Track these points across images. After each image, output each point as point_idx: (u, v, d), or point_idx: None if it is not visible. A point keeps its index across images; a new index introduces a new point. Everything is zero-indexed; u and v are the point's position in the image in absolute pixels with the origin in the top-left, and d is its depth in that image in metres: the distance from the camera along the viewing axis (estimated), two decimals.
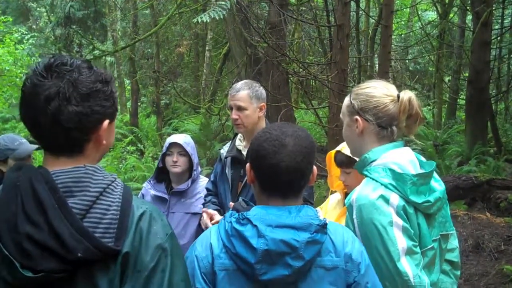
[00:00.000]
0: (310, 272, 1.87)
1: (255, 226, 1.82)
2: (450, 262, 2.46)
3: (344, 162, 3.00)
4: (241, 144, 3.66)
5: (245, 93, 3.49)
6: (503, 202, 8.36)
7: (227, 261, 1.87)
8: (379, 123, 2.23)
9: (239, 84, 3.57)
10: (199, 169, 4.19)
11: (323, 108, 13.93)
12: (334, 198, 3.37)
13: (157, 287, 1.53)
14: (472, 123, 12.27)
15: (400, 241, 2.04)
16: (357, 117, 2.27)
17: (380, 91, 2.26)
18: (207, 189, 3.87)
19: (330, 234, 1.92)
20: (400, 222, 2.06)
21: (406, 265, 2.03)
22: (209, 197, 3.78)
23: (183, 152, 3.97)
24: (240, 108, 3.49)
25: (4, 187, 1.52)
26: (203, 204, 3.79)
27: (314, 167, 2.02)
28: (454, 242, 2.48)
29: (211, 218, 3.33)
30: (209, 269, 1.88)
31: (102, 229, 1.49)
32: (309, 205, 3.28)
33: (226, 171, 3.67)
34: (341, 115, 2.42)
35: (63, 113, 1.50)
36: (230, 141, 3.81)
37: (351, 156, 2.69)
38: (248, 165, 2.01)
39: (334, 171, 3.34)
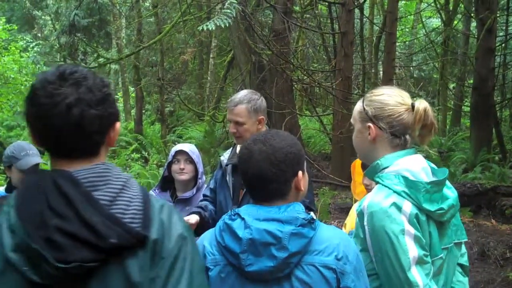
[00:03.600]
0: (299, 269, 1.90)
1: (243, 219, 1.92)
2: (460, 266, 2.44)
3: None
4: None
5: (243, 107, 3.45)
6: (509, 209, 8.33)
7: (218, 256, 1.96)
8: (392, 131, 2.21)
9: (237, 97, 3.51)
10: (204, 177, 4.19)
11: (327, 115, 13.98)
12: None
13: (179, 273, 1.59)
14: (477, 130, 12.23)
15: (411, 250, 2.02)
16: (370, 124, 2.24)
17: (394, 99, 2.24)
18: (204, 195, 3.85)
19: (321, 233, 1.96)
20: (412, 230, 2.04)
21: (417, 275, 2.01)
22: (204, 202, 3.76)
23: (190, 160, 3.98)
24: (238, 123, 3.47)
25: (25, 189, 1.55)
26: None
27: (300, 173, 2.06)
28: (463, 248, 2.46)
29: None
30: None
31: (128, 219, 1.54)
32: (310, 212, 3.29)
33: (227, 178, 3.65)
34: (352, 120, 2.38)
35: (85, 118, 1.55)
36: (231, 148, 3.79)
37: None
38: None
39: (357, 177, 3.35)
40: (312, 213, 2.09)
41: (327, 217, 8.42)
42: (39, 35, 20.66)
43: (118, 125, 1.70)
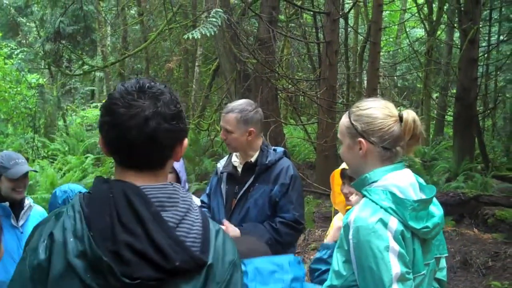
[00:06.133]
0: None
1: None
2: (437, 281, 2.45)
3: (350, 176, 3.05)
4: (237, 160, 3.66)
5: (233, 116, 3.47)
6: (491, 218, 8.41)
7: None
8: (384, 145, 2.21)
9: (231, 105, 3.55)
10: (187, 186, 4.16)
11: (312, 124, 14.00)
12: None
13: None
14: (460, 140, 12.34)
15: (394, 267, 2.02)
16: (361, 139, 2.23)
17: (382, 112, 2.23)
18: (202, 201, 3.86)
19: None
20: (397, 247, 2.04)
21: None
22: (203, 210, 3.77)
23: (170, 170, 3.95)
24: (227, 131, 3.50)
25: (95, 198, 1.59)
26: None
27: None
28: (442, 262, 2.46)
29: None
30: None
31: (189, 242, 1.59)
32: (301, 227, 3.32)
33: (222, 186, 3.68)
34: (339, 136, 2.37)
35: (160, 132, 1.59)
36: (228, 156, 3.81)
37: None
38: None
39: (336, 187, 3.37)
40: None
41: (311, 226, 8.45)
42: (24, 42, 20.52)
43: (186, 141, 1.74)
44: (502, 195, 9.55)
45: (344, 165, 3.12)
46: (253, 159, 3.57)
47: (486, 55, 15.39)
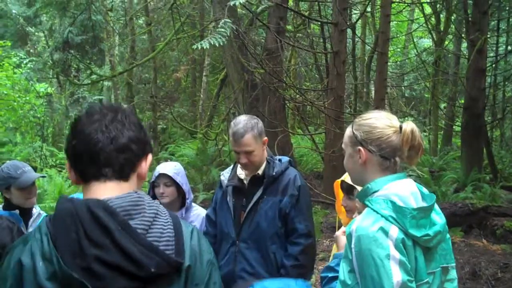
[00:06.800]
0: None
1: None
2: None
3: (346, 189, 3.07)
4: (242, 173, 3.62)
5: (250, 136, 3.39)
6: (500, 229, 8.36)
7: None
8: (382, 154, 2.24)
9: (240, 127, 3.41)
10: (192, 195, 4.07)
11: (319, 134, 13.99)
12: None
13: None
14: (468, 150, 12.29)
15: (395, 275, 2.03)
16: (360, 147, 2.27)
17: (382, 122, 2.27)
18: (208, 215, 3.82)
19: None
20: (398, 255, 2.06)
21: None
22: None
23: (169, 183, 3.78)
24: (248, 152, 3.42)
25: (60, 218, 1.57)
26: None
27: None
28: (453, 273, 2.46)
29: None
30: None
31: (163, 247, 1.59)
32: (311, 238, 3.29)
33: (228, 199, 3.63)
34: (343, 145, 2.41)
35: (122, 136, 1.64)
36: (232, 168, 3.76)
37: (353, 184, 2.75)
38: None
39: (341, 196, 3.37)
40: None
41: (319, 236, 8.42)
42: (32, 51, 20.63)
43: (150, 155, 1.76)
44: (511, 206, 9.50)
45: (345, 176, 3.13)
46: (260, 171, 3.54)
47: (494, 65, 15.39)
